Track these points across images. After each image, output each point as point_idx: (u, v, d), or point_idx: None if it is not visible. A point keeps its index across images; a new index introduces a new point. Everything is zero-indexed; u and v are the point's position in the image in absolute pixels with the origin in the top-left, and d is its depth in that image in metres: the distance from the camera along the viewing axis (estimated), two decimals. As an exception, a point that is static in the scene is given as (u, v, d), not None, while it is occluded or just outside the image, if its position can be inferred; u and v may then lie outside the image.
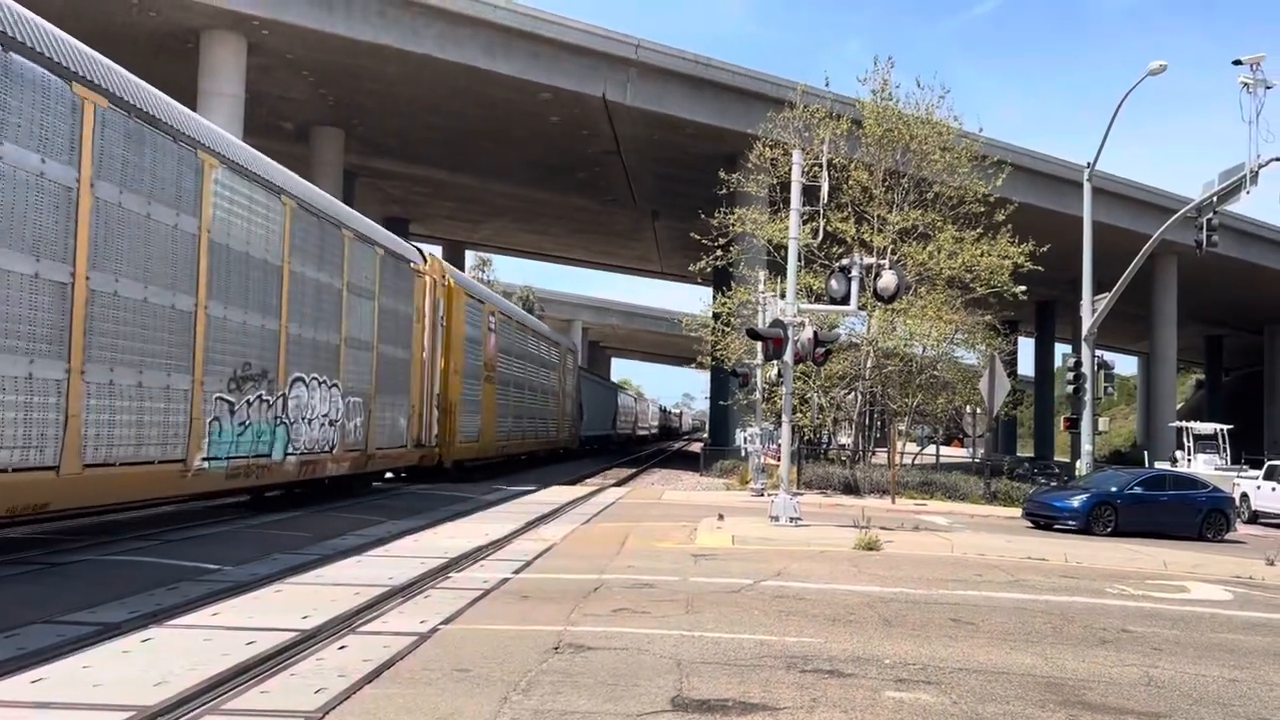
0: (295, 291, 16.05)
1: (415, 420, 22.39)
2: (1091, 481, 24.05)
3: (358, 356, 18.72)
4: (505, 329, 31.50)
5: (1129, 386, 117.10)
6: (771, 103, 34.72)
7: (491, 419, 29.06)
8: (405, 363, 21.67)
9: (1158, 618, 10.63)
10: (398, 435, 21.34)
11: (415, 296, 22.45)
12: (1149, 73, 27.11)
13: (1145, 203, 51.60)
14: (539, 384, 37.56)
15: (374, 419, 19.57)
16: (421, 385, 22.80)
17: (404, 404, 21.66)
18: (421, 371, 22.75)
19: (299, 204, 16.36)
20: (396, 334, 21.03)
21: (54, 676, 6.40)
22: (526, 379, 34.93)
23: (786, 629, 8.87)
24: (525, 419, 34.88)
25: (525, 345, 35.31)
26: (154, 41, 34.33)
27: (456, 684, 6.61)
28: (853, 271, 17.98)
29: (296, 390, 15.98)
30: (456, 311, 25.22)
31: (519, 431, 33.91)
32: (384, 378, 20.12)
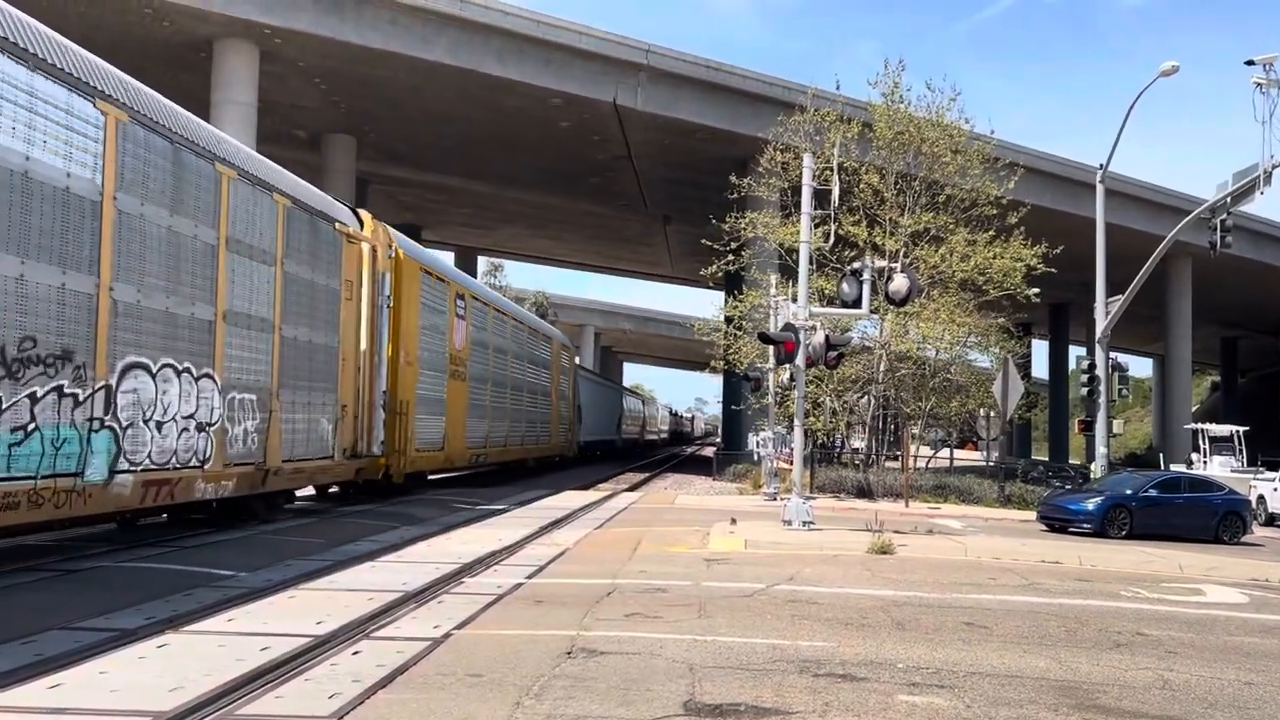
0: (127, 241, 11.46)
1: (348, 424, 17.93)
2: (1106, 484, 23.93)
3: (249, 339, 14.15)
4: (480, 316, 27.50)
5: (1144, 389, 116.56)
6: (782, 106, 34.72)
7: (461, 422, 24.96)
8: (330, 350, 17.13)
9: (1173, 621, 10.58)
10: (319, 443, 16.66)
11: (346, 267, 17.82)
12: (1161, 74, 27.01)
13: (1159, 204, 51.41)
14: (527, 382, 33.69)
15: (277, 422, 14.94)
16: (357, 380, 18.34)
17: (328, 403, 17.04)
18: (358, 363, 18.40)
19: (133, 115, 11.67)
20: (315, 313, 16.46)
21: (71, 682, 6.45)
22: (510, 376, 31.00)
23: (799, 633, 8.87)
24: (509, 422, 30.97)
25: (508, 337, 31.12)
26: (168, 52, 34.59)
27: (469, 689, 6.63)
28: (864, 275, 17.97)
29: (133, 381, 11.56)
30: (410, 290, 20.79)
31: (500, 437, 29.88)
32: (294, 369, 15.64)
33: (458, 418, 24.81)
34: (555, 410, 39.01)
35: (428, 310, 22.15)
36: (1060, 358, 78.61)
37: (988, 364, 36.67)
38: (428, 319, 22.13)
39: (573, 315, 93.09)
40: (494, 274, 79.91)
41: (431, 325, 22.47)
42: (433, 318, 22.60)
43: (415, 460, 21.50)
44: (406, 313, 20.68)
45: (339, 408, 17.56)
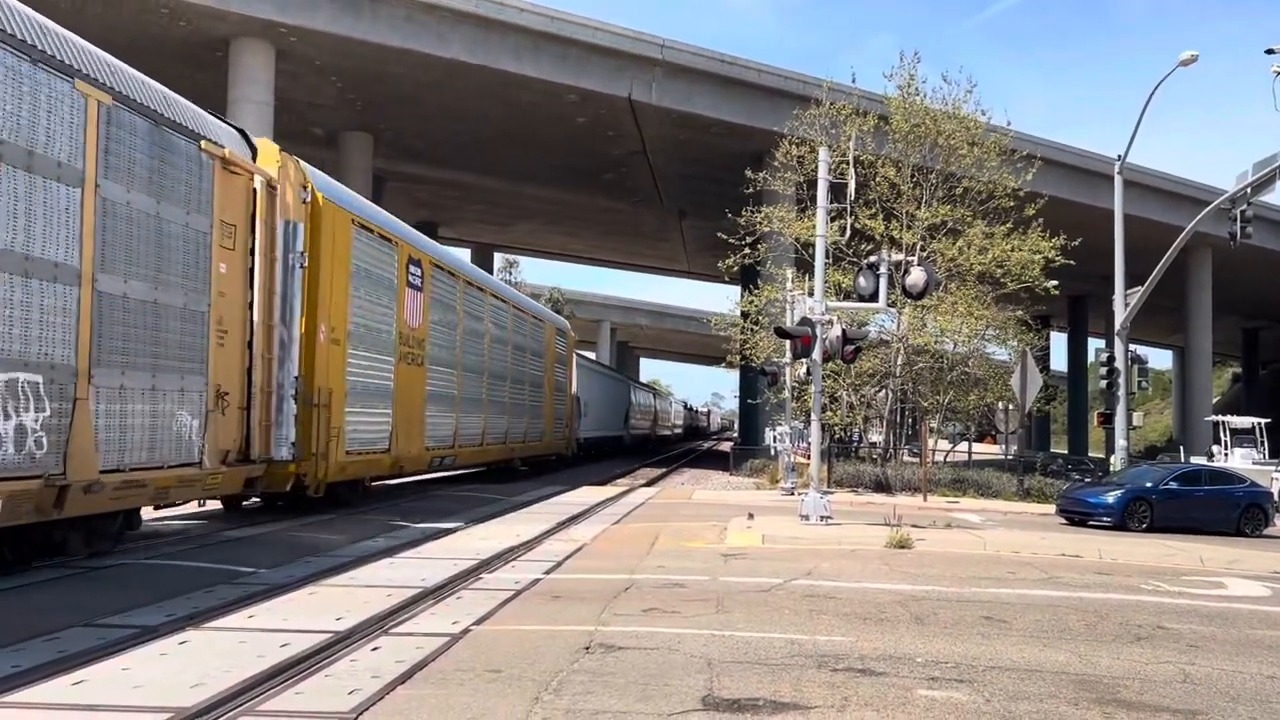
0: None
1: (230, 419, 13.49)
2: (1126, 477, 23.80)
3: (23, 292, 9.70)
4: (446, 289, 22.68)
5: (1164, 381, 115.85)
6: (798, 100, 34.64)
7: (416, 417, 20.51)
8: (195, 318, 12.59)
9: (1194, 614, 10.51)
10: (174, 445, 12.06)
11: (224, 204, 13.33)
12: (1180, 63, 26.81)
13: (1178, 195, 51.05)
14: (512, 371, 29.10)
15: (86, 416, 10.48)
16: (245, 360, 13.99)
17: (191, 390, 12.45)
18: (246, 337, 14.05)
19: None
20: (165, 263, 11.95)
21: (95, 678, 6.51)
22: (489, 362, 26.44)
23: (817, 628, 8.86)
24: (488, 416, 26.45)
25: (485, 317, 26.20)
26: (186, 51, 34.77)
27: (488, 684, 6.65)
28: (881, 269, 17.92)
29: None
30: (336, 248, 16.44)
31: (474, 434, 25.22)
32: (123, 339, 11.21)
33: (412, 411, 20.25)
34: (548, 403, 34.67)
35: (365, 276, 17.72)
36: (1079, 350, 78.22)
37: (1006, 357, 36.52)
38: (365, 287, 17.72)
39: (588, 311, 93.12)
40: (509, 270, 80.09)
41: (371, 295, 17.95)
42: (373, 286, 18.02)
43: (345, 466, 17.01)
44: (331, 276, 16.24)
45: (213, 396, 12.94)
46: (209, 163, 12.99)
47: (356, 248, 17.41)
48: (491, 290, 27.85)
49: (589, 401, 44.70)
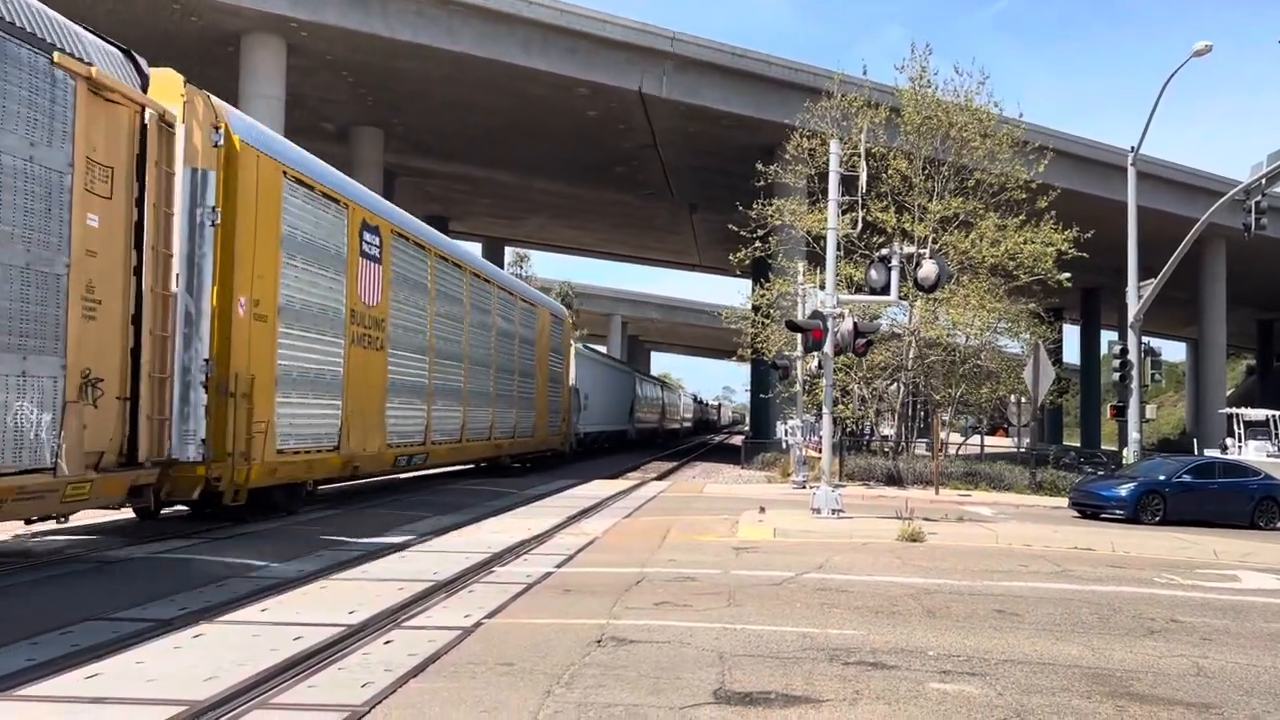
0: None
1: (106, 411, 10.82)
2: (1139, 470, 23.70)
3: None
4: (413, 262, 19.97)
5: (1177, 373, 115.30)
6: (808, 93, 34.52)
7: (373, 409, 17.72)
8: (44, 281, 9.91)
9: (1208, 608, 10.47)
10: (16, 446, 9.54)
11: (90, 138, 10.59)
12: (1194, 54, 26.63)
13: (1192, 186, 50.76)
14: (499, 359, 26.38)
15: None
16: (127, 337, 11.30)
17: (38, 374, 9.80)
18: (129, 309, 11.33)
19: None
20: None
21: (108, 672, 6.54)
22: (469, 348, 23.70)
23: (829, 621, 8.85)
24: (469, 409, 23.54)
25: (464, 297, 23.49)
26: (198, 46, 34.83)
27: (500, 677, 6.67)
28: (893, 261, 17.85)
29: None
30: (262, 203, 13.67)
31: (451, 428, 22.42)
32: None
33: (369, 402, 17.50)
34: (542, 395, 31.79)
35: (303, 241, 14.94)
36: (1092, 343, 77.92)
37: (1018, 350, 36.40)
38: (304, 254, 14.95)
39: (599, 304, 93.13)
40: (520, 264, 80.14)
41: (311, 264, 15.17)
42: (314, 254, 15.26)
43: (276, 468, 14.28)
44: (256, 239, 13.54)
45: (75, 383, 10.24)
46: (67, 83, 10.14)
47: (291, 206, 14.62)
48: (472, 268, 24.70)
49: (590, 394, 41.85)
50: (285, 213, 14.45)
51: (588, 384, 41.44)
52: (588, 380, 41.49)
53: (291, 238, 14.66)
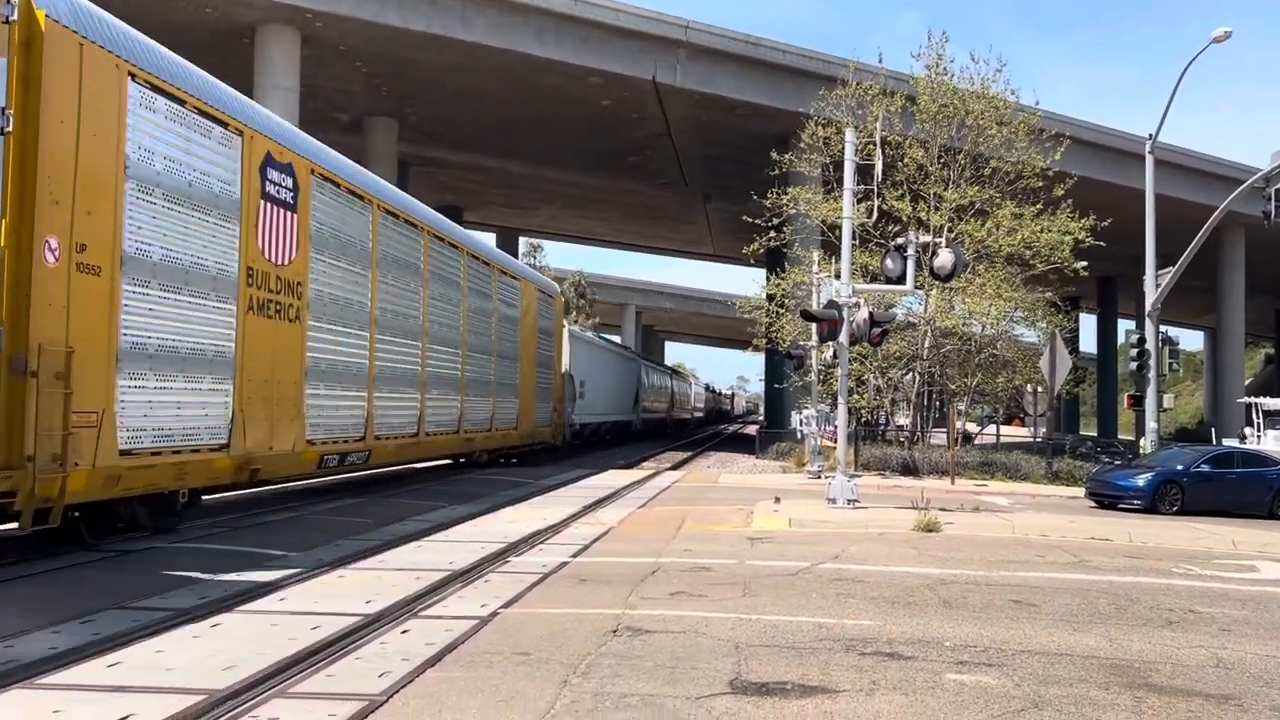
0: None
1: None
2: (1156, 460, 23.56)
3: None
4: (342, 213, 16.12)
5: (1195, 362, 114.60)
6: (823, 81, 34.36)
7: (288, 396, 14.20)
8: None
9: (1226, 598, 10.42)
10: None
11: None
12: (1213, 40, 26.38)
13: (1211, 174, 50.37)
14: (469, 338, 22.51)
15: None
16: None
17: None
18: None
19: None
20: None
21: (129, 661, 6.59)
22: (424, 324, 19.63)
23: (845, 611, 8.84)
24: (428, 397, 19.78)
25: (423, 262, 19.68)
26: (212, 38, 34.91)
27: (517, 667, 6.69)
28: (908, 250, 17.76)
29: None
30: (88, 110, 10.10)
31: (405, 420, 18.74)
32: None
33: (276, 388, 13.84)
34: (527, 381, 27.79)
35: (164, 170, 11.38)
36: (1109, 332, 77.52)
37: (1034, 339, 36.22)
38: (164, 187, 11.37)
39: (613, 294, 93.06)
40: (534, 254, 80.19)
41: (179, 201, 11.64)
42: (182, 188, 11.69)
43: (120, 476, 10.54)
44: (79, 160, 9.97)
45: None
46: None
47: (144, 123, 10.97)
48: (432, 229, 20.35)
49: (586, 380, 38.17)
50: (133, 129, 10.75)
51: (584, 370, 37.76)
52: (584, 366, 37.75)
53: (144, 164, 10.96)
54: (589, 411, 38.99)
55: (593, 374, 39.73)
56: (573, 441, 36.08)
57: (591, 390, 39.05)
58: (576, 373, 35.89)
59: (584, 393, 37.28)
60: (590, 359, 39.61)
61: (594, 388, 39.70)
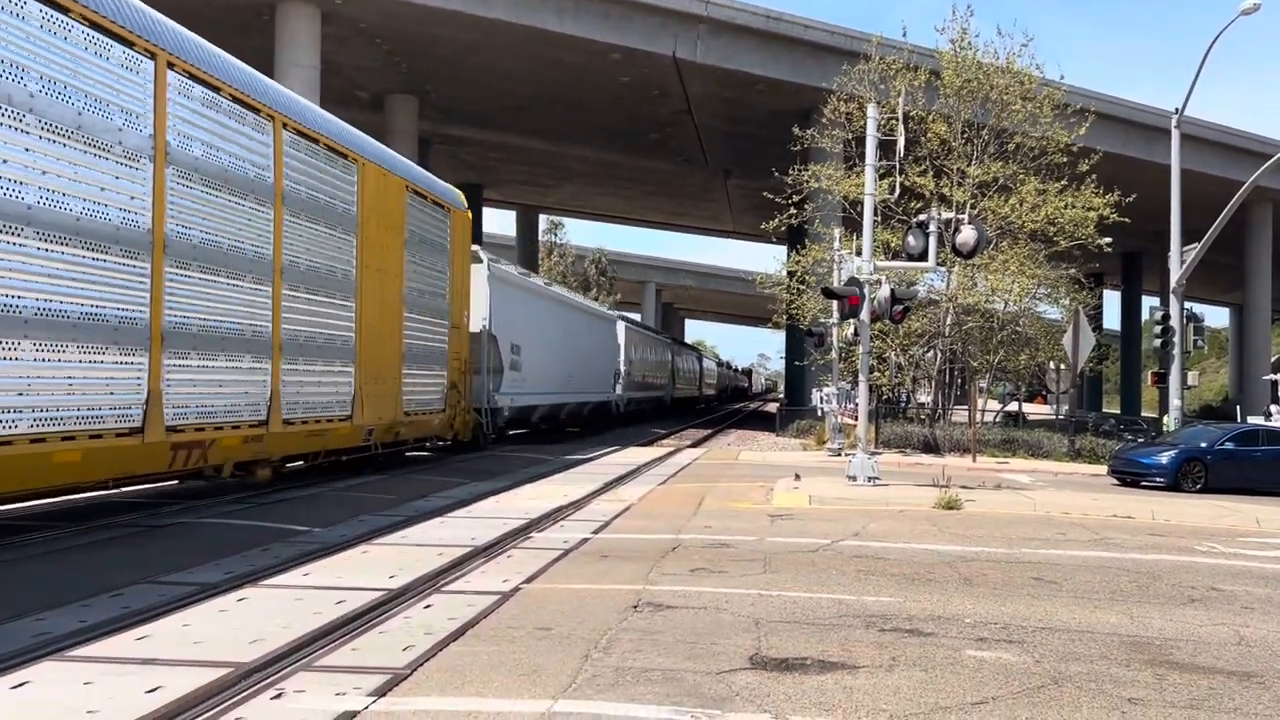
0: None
1: None
2: (1180, 437, 23.43)
3: None
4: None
5: (1220, 339, 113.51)
6: (846, 56, 34.08)
7: None
8: None
9: (1249, 576, 10.37)
10: None
11: None
12: (1241, 12, 26.01)
13: (1239, 149, 49.70)
14: (304, 268, 14.63)
15: None
16: None
17: None
18: None
19: None
20: None
21: (157, 634, 6.69)
22: (160, 235, 11.42)
23: (865, 588, 8.87)
24: (161, 360, 11.39)
25: (242, 157, 13.16)
26: (232, 16, 34.92)
27: (539, 641, 6.75)
28: (930, 227, 17.66)
29: None
30: None
31: (127, 399, 10.71)
32: None
33: None
34: (388, 338, 17.81)
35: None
36: (1133, 308, 76.84)
37: (1058, 316, 35.97)
38: None
39: (633, 272, 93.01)
40: (554, 232, 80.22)
41: None
42: None
43: None
44: None
45: None
46: None
47: None
48: (200, 69, 12.38)
49: (528, 345, 28.03)
50: None
51: (521, 329, 27.34)
52: (520, 323, 27.29)
53: None
54: (530, 389, 28.59)
55: (535, 336, 29.12)
56: (503, 430, 27.10)
57: (536, 361, 28.84)
58: (504, 333, 25.60)
59: (518, 363, 27.06)
60: (528, 314, 28.82)
61: (541, 358, 29.60)
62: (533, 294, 30.72)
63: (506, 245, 68.66)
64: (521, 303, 28.26)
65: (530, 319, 28.91)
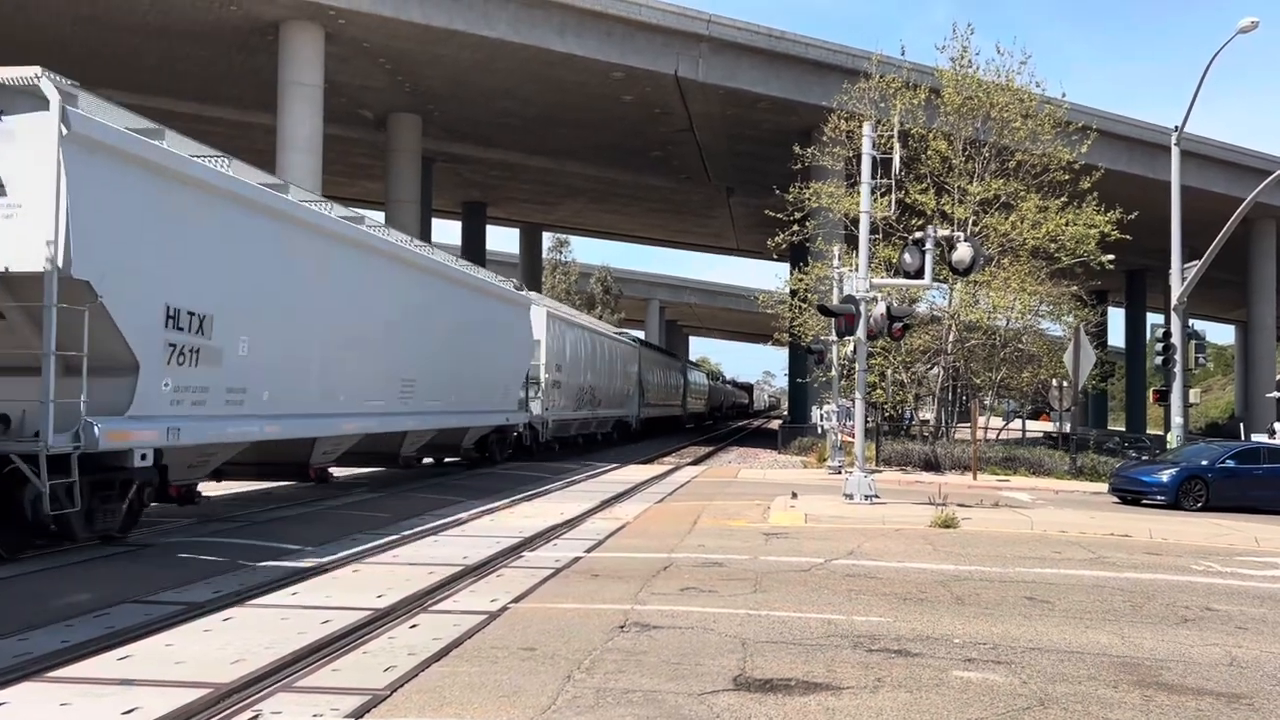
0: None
1: None
2: (1181, 455, 23.32)
3: None
4: None
5: (1226, 357, 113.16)
6: (847, 74, 34.17)
7: None
8: None
9: (1245, 595, 10.30)
10: None
11: None
12: (1239, 30, 26.02)
13: (1241, 165, 49.66)
14: None
15: None
16: None
17: None
18: None
19: None
20: None
21: (139, 654, 6.67)
22: None
23: (855, 608, 8.82)
24: None
25: None
26: (237, 36, 35.12)
27: (522, 662, 6.71)
28: (926, 244, 17.63)
29: None
30: None
31: None
32: None
33: None
34: None
35: None
36: (1137, 326, 76.64)
37: (1061, 333, 35.90)
38: None
39: (637, 289, 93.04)
40: (560, 249, 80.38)
41: None
42: None
43: None
44: None
45: None
46: None
47: None
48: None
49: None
50: None
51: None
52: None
53: None
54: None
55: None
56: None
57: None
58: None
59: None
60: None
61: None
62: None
63: (510, 263, 68.76)
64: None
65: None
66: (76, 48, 35.25)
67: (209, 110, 41.53)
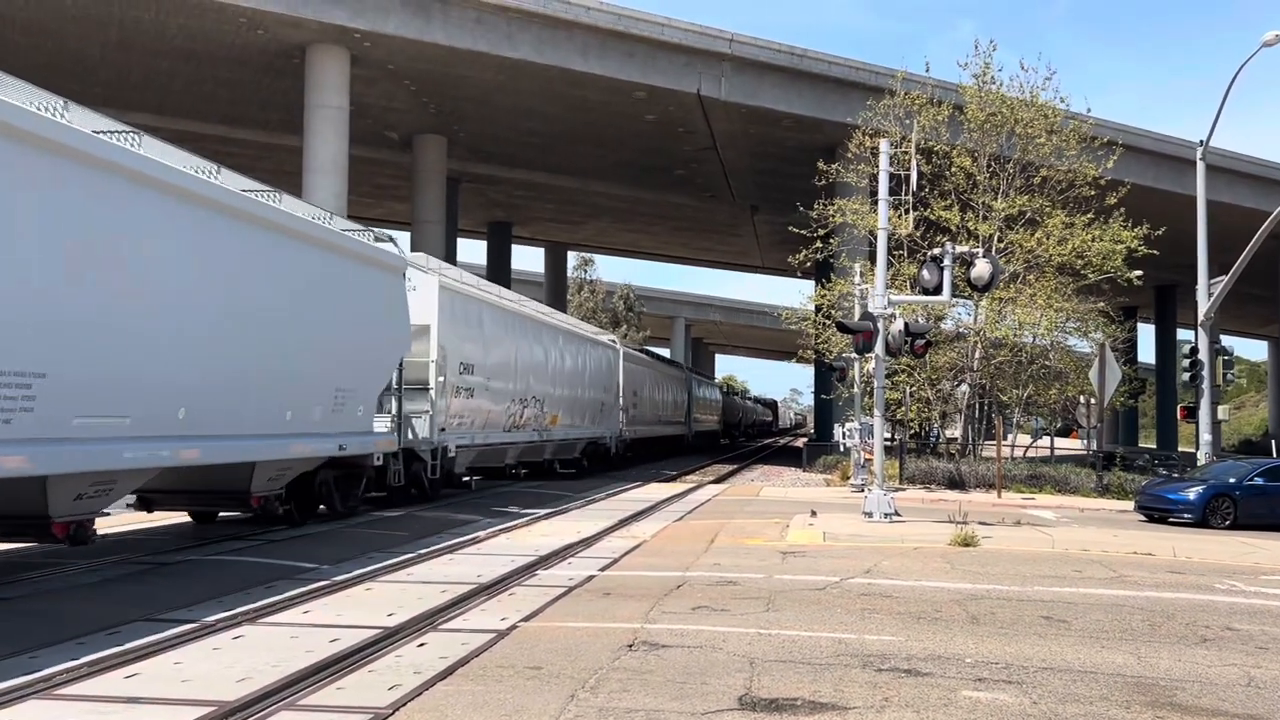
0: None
1: None
2: (1209, 472, 23.00)
3: None
4: None
5: (1260, 373, 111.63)
6: (870, 92, 34.12)
7: None
8: None
9: (1268, 615, 10.12)
10: None
11: None
12: (1263, 44, 25.79)
13: (1271, 180, 49.11)
14: None
15: None
16: None
17: None
18: None
19: None
20: None
21: (147, 672, 6.72)
22: None
23: (867, 627, 8.74)
24: None
25: None
26: (263, 59, 35.58)
27: (527, 681, 6.70)
28: (945, 261, 17.53)
29: None
30: None
31: None
32: None
33: None
34: None
35: None
36: (1167, 342, 75.71)
37: (1088, 349, 35.58)
38: None
39: (662, 307, 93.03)
40: (584, 268, 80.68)
41: None
42: None
43: None
44: None
45: None
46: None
47: None
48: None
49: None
50: None
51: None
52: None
53: None
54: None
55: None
56: None
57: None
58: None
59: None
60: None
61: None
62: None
63: (536, 282, 69.03)
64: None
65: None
66: (106, 71, 35.80)
67: (236, 133, 42.04)
